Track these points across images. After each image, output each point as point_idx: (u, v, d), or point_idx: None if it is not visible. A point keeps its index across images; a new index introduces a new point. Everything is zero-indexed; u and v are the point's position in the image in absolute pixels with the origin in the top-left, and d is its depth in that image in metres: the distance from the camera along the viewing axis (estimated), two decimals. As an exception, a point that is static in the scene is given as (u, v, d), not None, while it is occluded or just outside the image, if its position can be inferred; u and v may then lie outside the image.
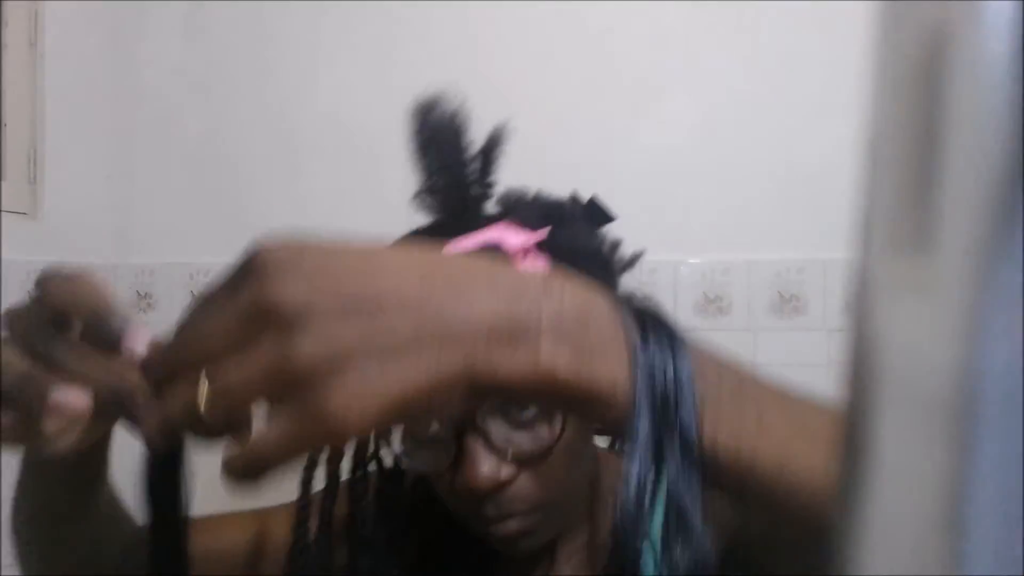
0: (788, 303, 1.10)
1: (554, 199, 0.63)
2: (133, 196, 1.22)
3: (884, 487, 0.15)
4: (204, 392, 0.30)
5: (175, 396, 0.31)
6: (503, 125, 0.63)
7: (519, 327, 0.30)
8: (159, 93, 1.20)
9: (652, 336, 0.34)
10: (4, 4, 0.98)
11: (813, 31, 1.07)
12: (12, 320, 0.36)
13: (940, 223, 0.14)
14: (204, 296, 0.32)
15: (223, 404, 0.30)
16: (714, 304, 1.11)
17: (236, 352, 0.29)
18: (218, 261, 0.47)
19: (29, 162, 1.04)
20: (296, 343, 0.28)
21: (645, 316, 0.35)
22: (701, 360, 0.35)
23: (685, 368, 0.34)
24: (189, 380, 0.30)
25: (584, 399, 0.32)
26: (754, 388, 0.36)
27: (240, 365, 0.29)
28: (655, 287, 1.09)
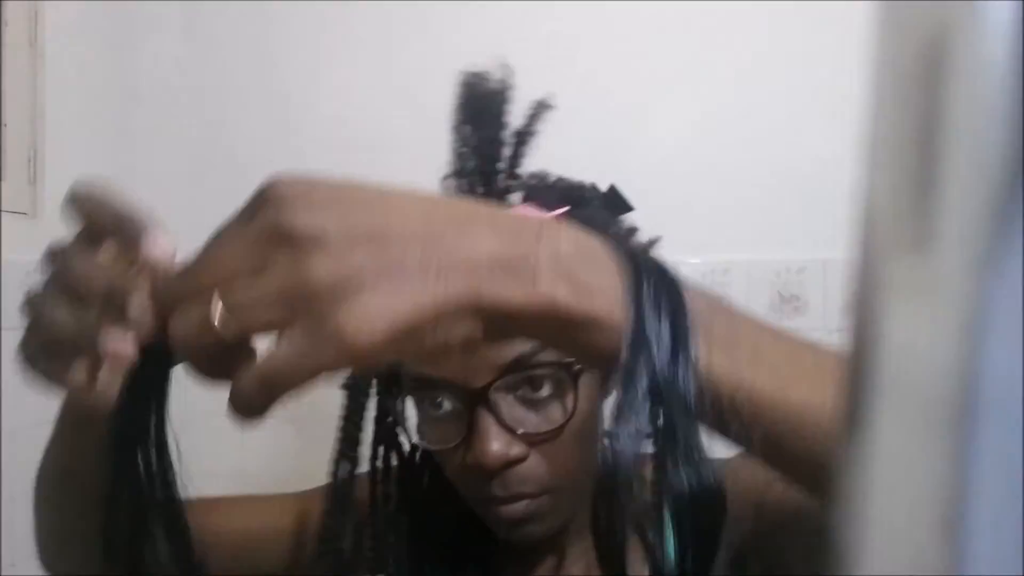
0: (788, 303, 1.10)
1: (575, 182, 0.65)
2: (133, 196, 1.22)
3: (884, 487, 0.15)
4: (218, 309, 0.30)
5: (189, 312, 0.31)
6: (542, 103, 0.63)
7: (519, 262, 0.32)
8: (159, 93, 1.20)
9: (647, 273, 0.35)
10: (4, 4, 0.98)
11: (813, 31, 1.07)
12: (54, 258, 0.37)
13: (940, 223, 0.14)
14: (219, 228, 0.33)
15: (237, 320, 0.30)
16: (714, 304, 1.11)
17: (251, 275, 0.30)
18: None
19: (29, 162, 1.04)
20: (311, 264, 0.29)
21: (640, 256, 0.36)
22: (697, 297, 0.36)
23: (681, 301, 0.35)
24: (203, 300, 0.31)
25: (581, 325, 0.33)
26: (751, 324, 0.37)
27: (255, 285, 0.30)
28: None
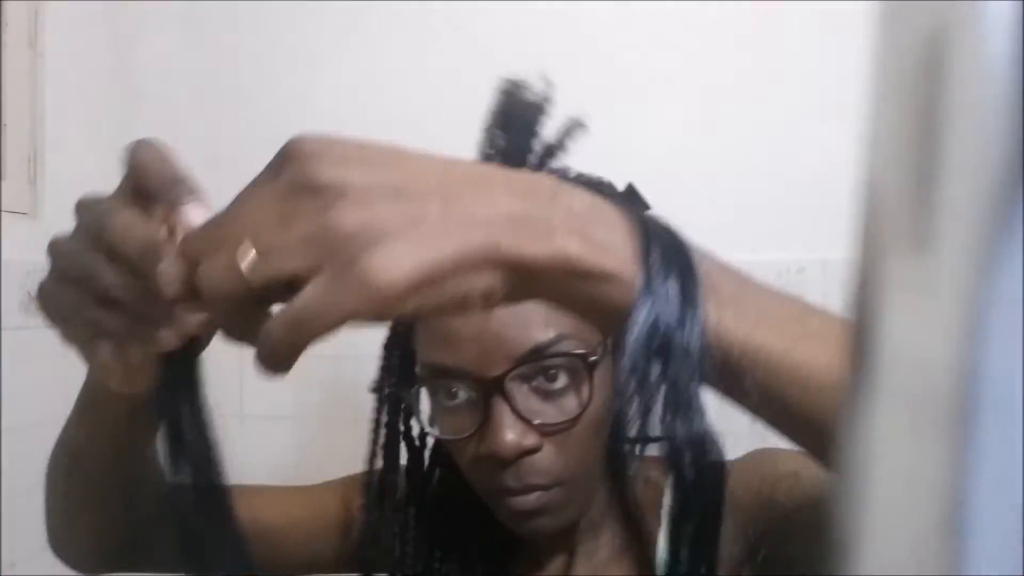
0: (788, 303, 1.10)
1: (594, 178, 0.65)
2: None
3: (884, 487, 0.15)
4: (247, 257, 0.31)
5: (216, 260, 0.32)
6: (576, 121, 0.64)
7: (535, 218, 0.33)
8: (159, 93, 1.20)
9: (656, 234, 0.36)
10: (4, 4, 0.98)
11: (813, 31, 1.07)
12: (86, 208, 0.39)
13: (940, 223, 0.14)
14: (245, 187, 0.33)
15: (265, 267, 0.31)
16: (714, 304, 1.11)
17: (277, 226, 0.31)
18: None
19: (29, 162, 1.04)
20: (337, 211, 0.30)
21: (650, 219, 0.37)
22: (705, 259, 0.37)
23: (689, 262, 0.36)
24: (230, 248, 0.32)
25: (595, 279, 0.34)
26: (758, 287, 0.39)
27: (282, 233, 0.31)
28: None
